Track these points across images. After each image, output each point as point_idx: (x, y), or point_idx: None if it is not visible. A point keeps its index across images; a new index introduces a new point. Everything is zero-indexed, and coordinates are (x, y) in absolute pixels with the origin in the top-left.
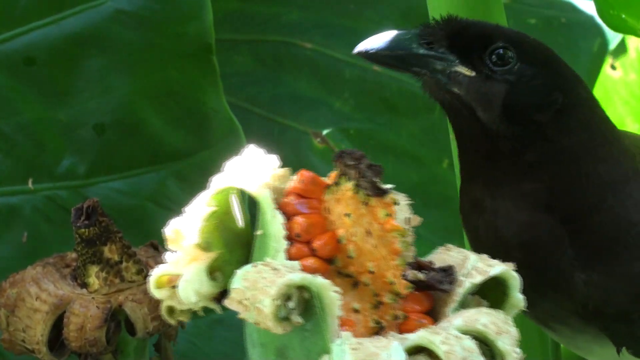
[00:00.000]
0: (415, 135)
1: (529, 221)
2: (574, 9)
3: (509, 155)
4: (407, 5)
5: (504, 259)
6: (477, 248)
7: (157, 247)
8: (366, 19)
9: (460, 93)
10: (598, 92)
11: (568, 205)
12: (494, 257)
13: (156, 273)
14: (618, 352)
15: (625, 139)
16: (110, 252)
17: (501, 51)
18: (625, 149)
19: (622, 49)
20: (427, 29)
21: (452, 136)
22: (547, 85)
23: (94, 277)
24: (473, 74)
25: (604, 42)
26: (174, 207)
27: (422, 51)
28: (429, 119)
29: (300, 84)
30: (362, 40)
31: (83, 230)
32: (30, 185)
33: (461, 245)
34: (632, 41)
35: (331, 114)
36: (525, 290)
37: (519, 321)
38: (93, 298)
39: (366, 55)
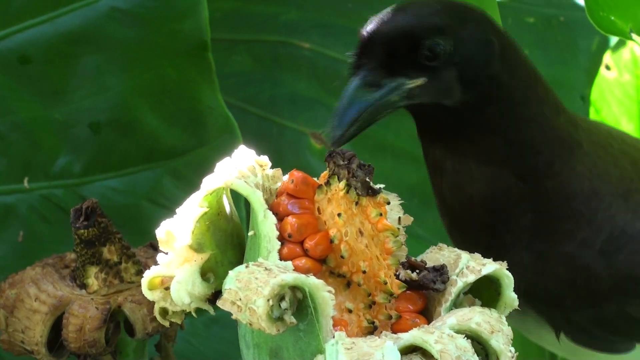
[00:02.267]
0: (414, 135)
1: (491, 176)
2: (572, 7)
3: (471, 117)
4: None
5: (469, 217)
6: (444, 211)
7: (156, 247)
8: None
9: (421, 101)
10: (593, 92)
11: (523, 162)
12: (459, 217)
13: (148, 275)
14: (557, 337)
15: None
16: (109, 253)
17: (428, 51)
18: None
19: (621, 44)
20: (360, 68)
21: None
22: (481, 40)
23: (93, 278)
24: (422, 80)
25: (603, 41)
26: (170, 205)
27: (376, 95)
28: None
29: (298, 84)
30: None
31: (82, 231)
32: (25, 184)
33: None
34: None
35: (329, 114)
36: (484, 254)
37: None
38: (92, 299)
39: (341, 139)
